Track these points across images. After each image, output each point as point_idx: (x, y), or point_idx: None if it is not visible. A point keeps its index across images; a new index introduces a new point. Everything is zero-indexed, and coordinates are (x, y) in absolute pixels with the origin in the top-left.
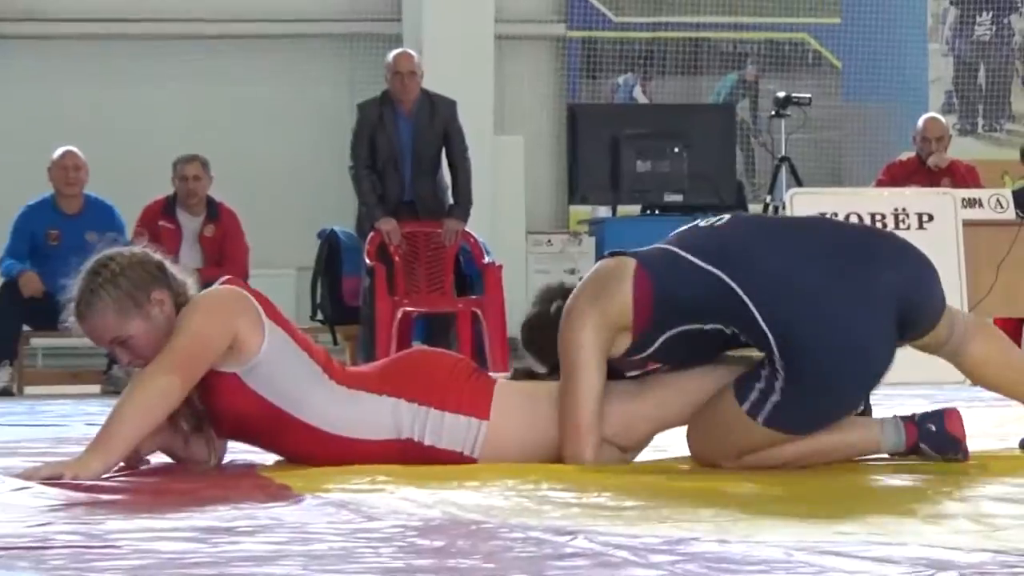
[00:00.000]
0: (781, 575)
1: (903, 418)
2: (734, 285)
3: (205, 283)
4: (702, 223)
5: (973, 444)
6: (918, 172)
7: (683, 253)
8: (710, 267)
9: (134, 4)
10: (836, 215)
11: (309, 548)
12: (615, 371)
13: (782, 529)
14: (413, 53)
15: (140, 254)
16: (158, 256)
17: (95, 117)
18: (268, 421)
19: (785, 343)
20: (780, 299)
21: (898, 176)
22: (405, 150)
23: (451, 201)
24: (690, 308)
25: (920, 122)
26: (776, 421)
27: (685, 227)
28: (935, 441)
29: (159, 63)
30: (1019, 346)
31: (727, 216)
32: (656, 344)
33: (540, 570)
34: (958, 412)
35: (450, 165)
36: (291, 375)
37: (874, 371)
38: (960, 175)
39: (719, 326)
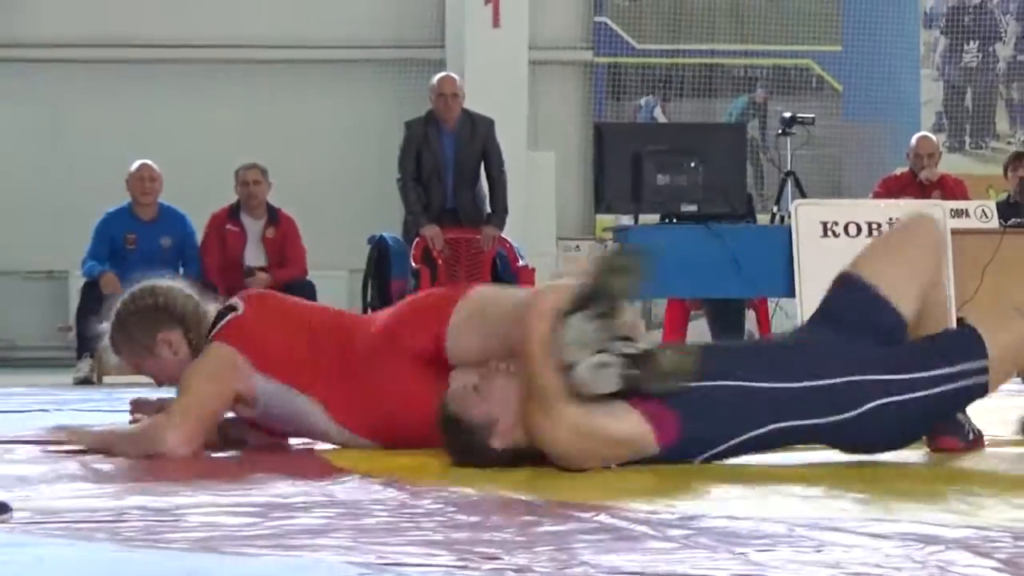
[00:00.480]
0: (784, 548)
1: None
2: None
3: (275, 284)
4: None
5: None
6: (911, 185)
7: None
8: None
9: (206, 33)
10: (836, 224)
11: (359, 522)
12: None
13: (785, 507)
14: (455, 76)
15: (143, 301)
16: (170, 294)
17: (169, 134)
18: (302, 435)
19: None
20: None
21: (893, 189)
22: (448, 164)
23: (488, 210)
24: None
25: (913, 140)
26: None
27: None
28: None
29: (228, 86)
30: None
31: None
32: None
33: (568, 543)
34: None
35: (488, 177)
36: (297, 414)
37: None
38: (949, 188)
39: None
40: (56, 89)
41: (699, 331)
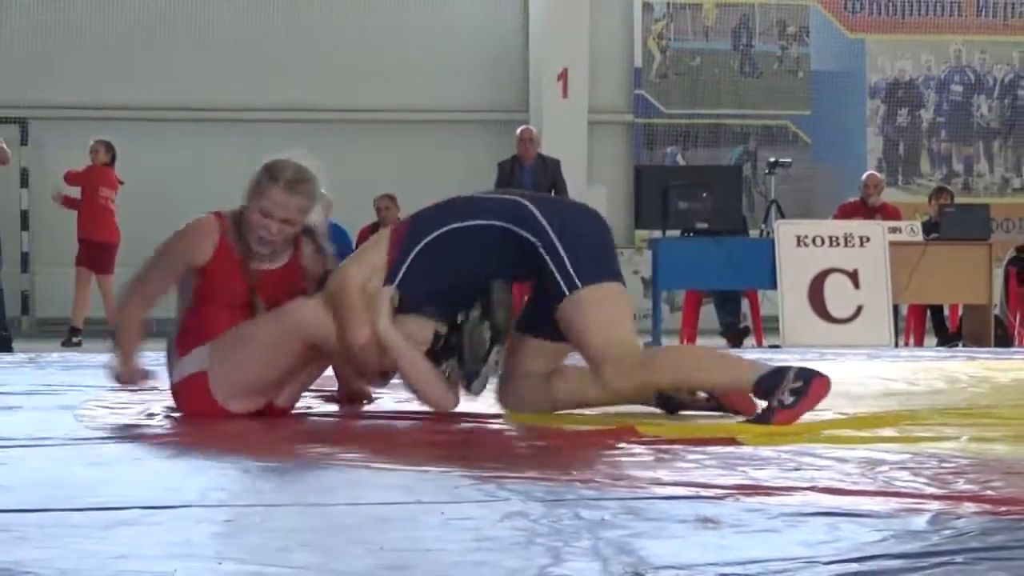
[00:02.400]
0: (773, 468)
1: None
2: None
3: None
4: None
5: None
6: (861, 210)
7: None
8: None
9: (354, 100)
10: (807, 237)
11: (469, 449)
12: None
13: (776, 439)
14: (532, 128)
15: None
16: None
17: (330, 173)
18: None
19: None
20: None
21: (848, 211)
22: (527, 190)
23: None
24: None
25: (863, 176)
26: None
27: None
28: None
29: (373, 139)
30: (924, 327)
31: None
32: None
33: (617, 463)
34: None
35: None
36: None
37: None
38: (888, 212)
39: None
40: (251, 142)
41: (708, 314)
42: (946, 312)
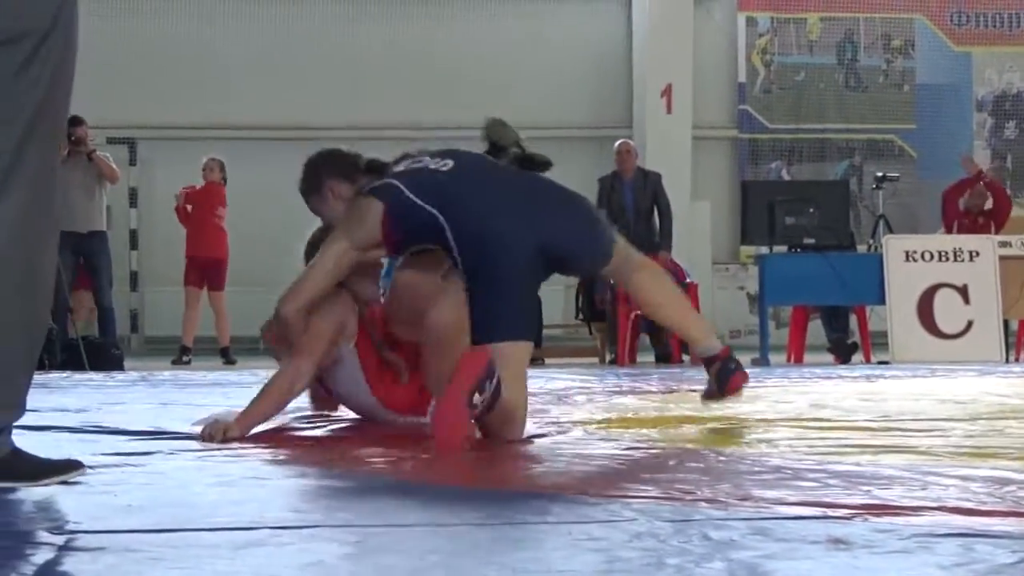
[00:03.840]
0: (898, 487)
1: (726, 345)
2: (443, 221)
3: None
4: (431, 166)
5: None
6: (970, 184)
7: (409, 193)
8: (429, 207)
9: (457, 118)
10: (915, 252)
11: (587, 466)
12: None
13: (895, 456)
14: (629, 141)
15: None
16: None
17: None
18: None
19: (467, 265)
20: (474, 236)
21: (953, 193)
22: (628, 205)
23: (657, 239)
24: (416, 235)
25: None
26: (489, 336)
27: (415, 166)
28: (720, 373)
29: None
30: None
31: (451, 163)
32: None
33: (740, 483)
34: (746, 376)
35: (659, 214)
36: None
37: (518, 283)
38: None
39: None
40: None
41: (815, 329)
42: None
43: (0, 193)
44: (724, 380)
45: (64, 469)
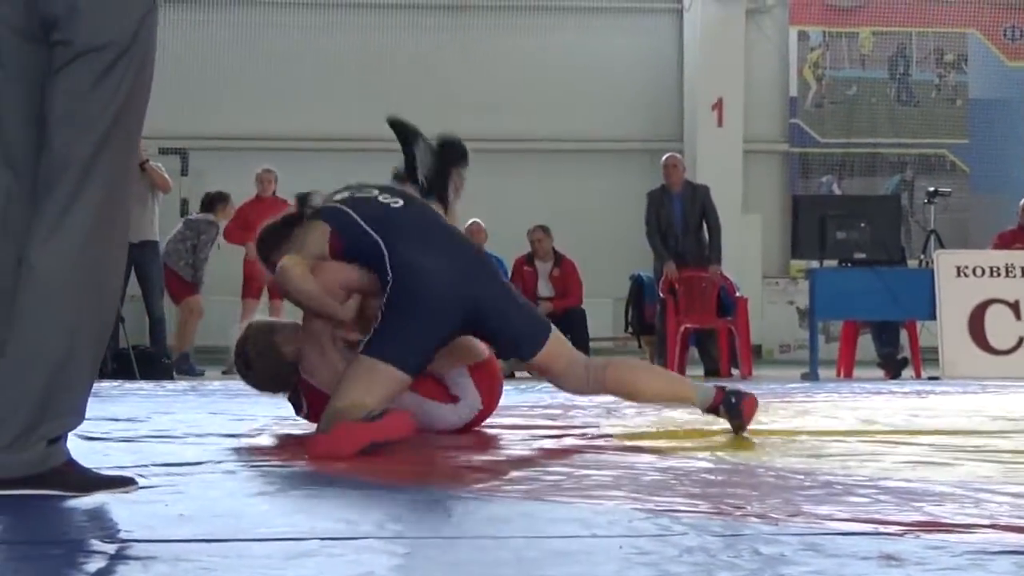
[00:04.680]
0: (950, 504)
1: (716, 386)
2: (384, 248)
3: (556, 310)
4: (381, 199)
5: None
6: (1020, 236)
7: (355, 216)
8: (373, 232)
9: (503, 129)
10: (967, 267)
11: (636, 481)
12: None
13: (946, 473)
14: (676, 154)
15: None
16: None
17: (489, 201)
18: None
19: (394, 289)
20: (409, 269)
21: (1007, 240)
22: (677, 219)
23: (708, 253)
24: (358, 258)
25: (1022, 202)
26: (376, 351)
27: (361, 195)
28: (730, 409)
29: (528, 169)
30: None
31: (401, 202)
32: None
33: (791, 497)
34: (755, 399)
35: (708, 228)
36: None
37: (438, 323)
38: None
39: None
40: None
41: (865, 344)
42: None
43: (75, 199)
44: (737, 414)
45: (116, 484)
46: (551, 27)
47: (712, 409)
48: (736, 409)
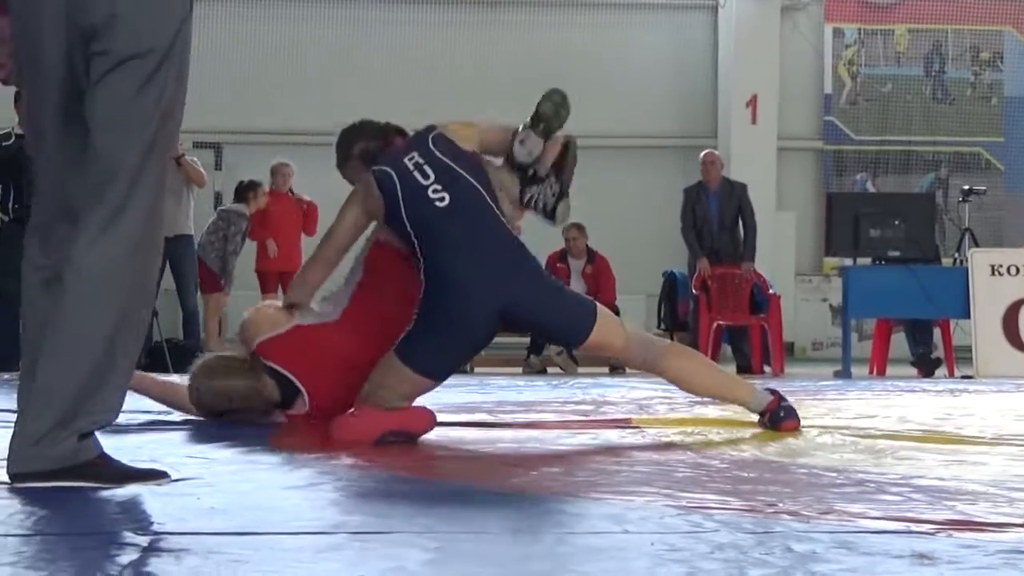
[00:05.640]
0: (983, 503)
1: (771, 391)
2: (421, 253)
3: None
4: (430, 192)
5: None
6: None
7: (402, 205)
8: (412, 231)
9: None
10: (1001, 266)
11: (669, 477)
12: None
13: (979, 472)
14: (714, 151)
15: None
16: None
17: None
18: None
19: (427, 297)
20: (441, 284)
21: None
22: (712, 216)
23: (741, 250)
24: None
25: None
26: (407, 357)
27: (415, 181)
28: (773, 421)
29: None
30: None
31: (447, 199)
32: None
33: (822, 495)
34: (798, 423)
35: (743, 225)
36: None
37: (469, 339)
38: None
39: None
40: None
41: (898, 343)
42: None
43: (125, 205)
44: (775, 428)
45: (148, 476)
46: (586, 23)
47: (761, 414)
48: (776, 424)
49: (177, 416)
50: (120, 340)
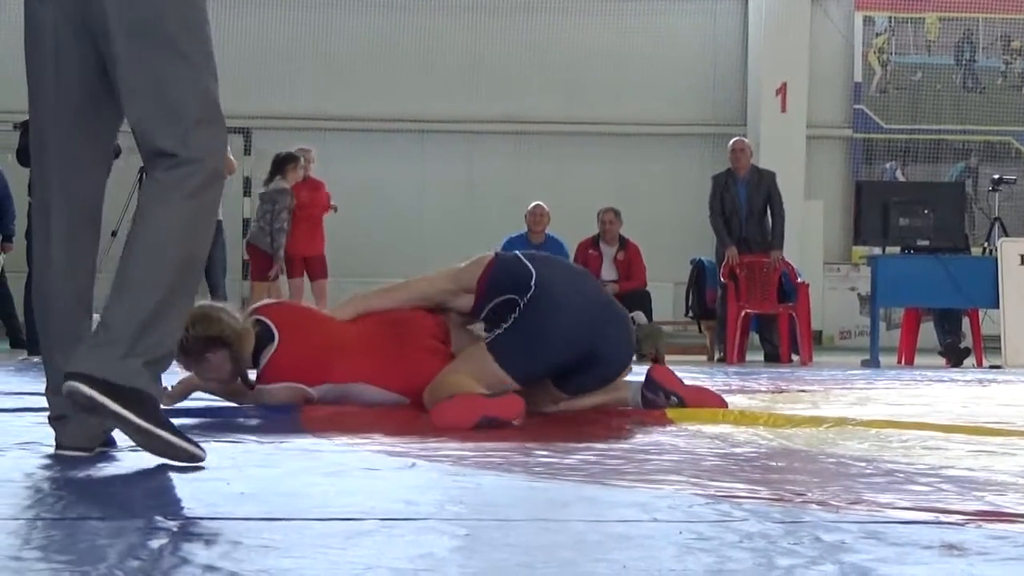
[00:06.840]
0: (1013, 494)
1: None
2: (532, 269)
3: (621, 292)
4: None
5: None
6: None
7: (520, 256)
8: (530, 265)
9: (586, 114)
10: None
11: (697, 466)
12: None
13: (1009, 462)
14: (744, 138)
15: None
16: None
17: (552, 185)
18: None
19: (531, 301)
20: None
21: None
22: (741, 204)
23: (771, 238)
24: (500, 287)
25: None
26: (498, 353)
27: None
28: (650, 387)
29: (591, 152)
30: None
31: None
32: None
33: (852, 484)
34: (662, 368)
35: (772, 214)
36: (348, 394)
37: (556, 354)
38: None
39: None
40: (468, 152)
41: (926, 332)
42: None
43: (186, 159)
44: (648, 378)
45: (186, 443)
46: (617, 12)
47: (643, 396)
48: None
49: (206, 400)
50: (180, 281)
